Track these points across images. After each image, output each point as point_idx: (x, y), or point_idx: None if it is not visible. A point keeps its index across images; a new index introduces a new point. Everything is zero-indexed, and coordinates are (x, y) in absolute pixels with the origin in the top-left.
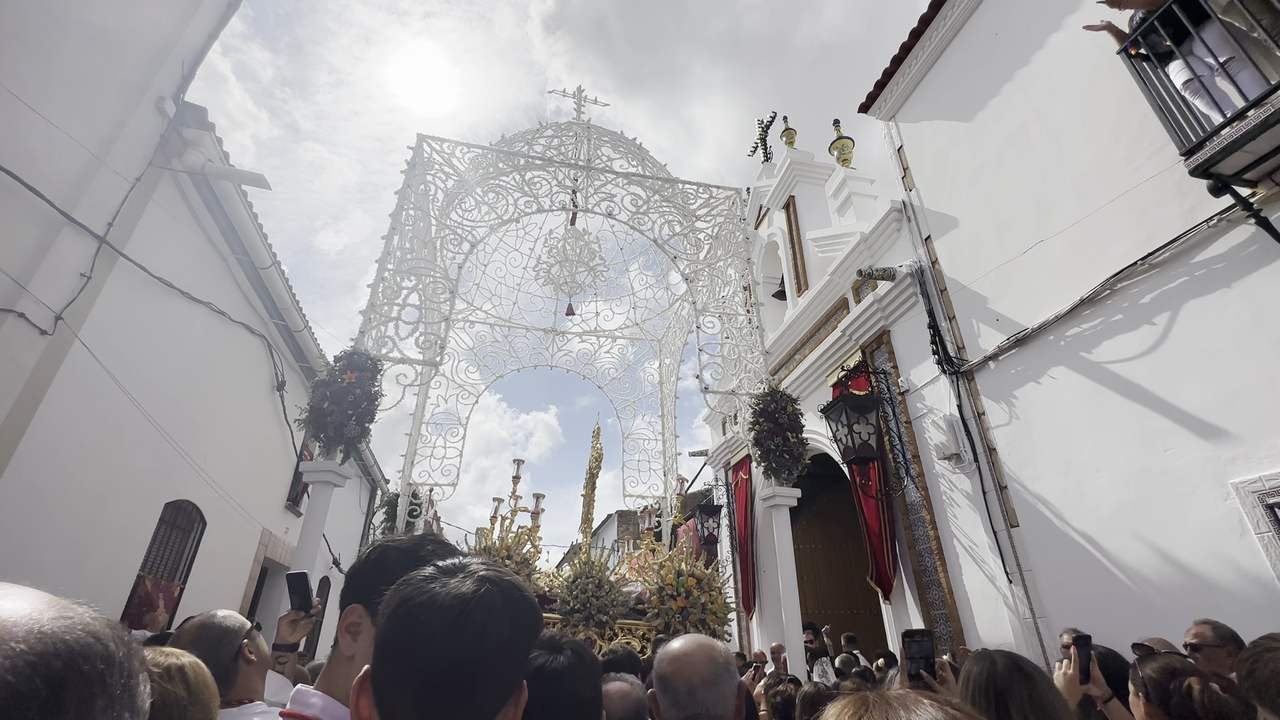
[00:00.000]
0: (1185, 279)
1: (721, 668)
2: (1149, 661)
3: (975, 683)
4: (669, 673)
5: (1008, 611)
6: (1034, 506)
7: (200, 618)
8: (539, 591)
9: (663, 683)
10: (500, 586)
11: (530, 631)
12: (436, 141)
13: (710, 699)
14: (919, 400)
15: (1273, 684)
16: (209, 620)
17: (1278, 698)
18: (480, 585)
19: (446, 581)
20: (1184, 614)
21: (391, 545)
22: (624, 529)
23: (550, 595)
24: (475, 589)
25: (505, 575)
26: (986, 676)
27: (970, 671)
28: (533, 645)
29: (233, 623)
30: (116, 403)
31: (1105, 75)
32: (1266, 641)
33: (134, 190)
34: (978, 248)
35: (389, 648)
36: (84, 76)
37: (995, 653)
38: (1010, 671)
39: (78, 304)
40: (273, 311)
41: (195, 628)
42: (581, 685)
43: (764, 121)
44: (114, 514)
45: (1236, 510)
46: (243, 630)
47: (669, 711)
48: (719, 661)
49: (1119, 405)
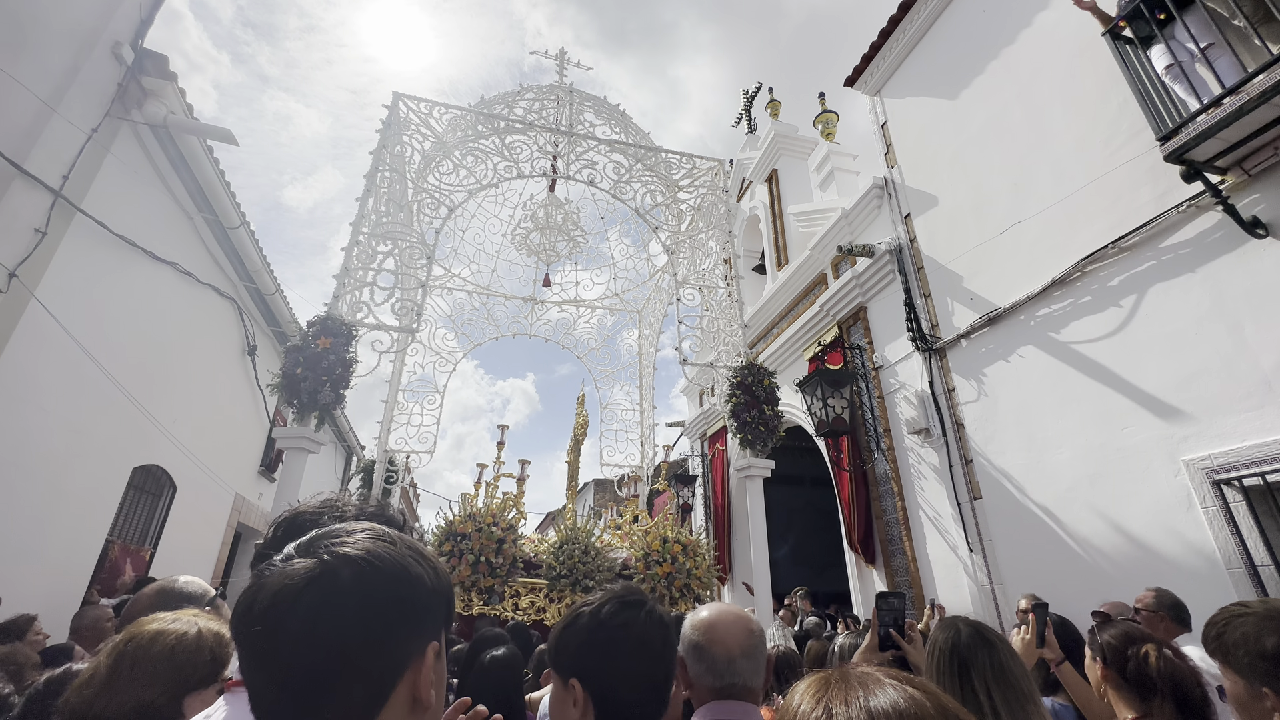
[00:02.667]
0: (1153, 263)
1: (758, 639)
2: (1107, 627)
3: (940, 650)
4: (704, 641)
5: (967, 579)
6: (997, 480)
7: (160, 583)
8: (524, 557)
9: (697, 650)
10: (350, 562)
11: (400, 604)
12: (413, 101)
13: (747, 670)
14: (892, 376)
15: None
16: (168, 586)
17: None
18: (319, 565)
19: (287, 565)
20: (1134, 583)
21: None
22: (600, 496)
23: (536, 560)
24: (310, 570)
25: (368, 545)
26: (951, 644)
27: (936, 639)
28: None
29: (194, 589)
30: (78, 364)
31: (1089, 57)
32: (1236, 607)
33: (90, 142)
34: (956, 227)
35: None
36: (32, 16)
37: (960, 620)
38: (973, 639)
39: (33, 261)
40: (242, 274)
41: (154, 592)
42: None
43: (749, 92)
44: (78, 478)
45: (1185, 486)
46: (205, 597)
47: (704, 679)
48: (755, 633)
49: (1083, 384)
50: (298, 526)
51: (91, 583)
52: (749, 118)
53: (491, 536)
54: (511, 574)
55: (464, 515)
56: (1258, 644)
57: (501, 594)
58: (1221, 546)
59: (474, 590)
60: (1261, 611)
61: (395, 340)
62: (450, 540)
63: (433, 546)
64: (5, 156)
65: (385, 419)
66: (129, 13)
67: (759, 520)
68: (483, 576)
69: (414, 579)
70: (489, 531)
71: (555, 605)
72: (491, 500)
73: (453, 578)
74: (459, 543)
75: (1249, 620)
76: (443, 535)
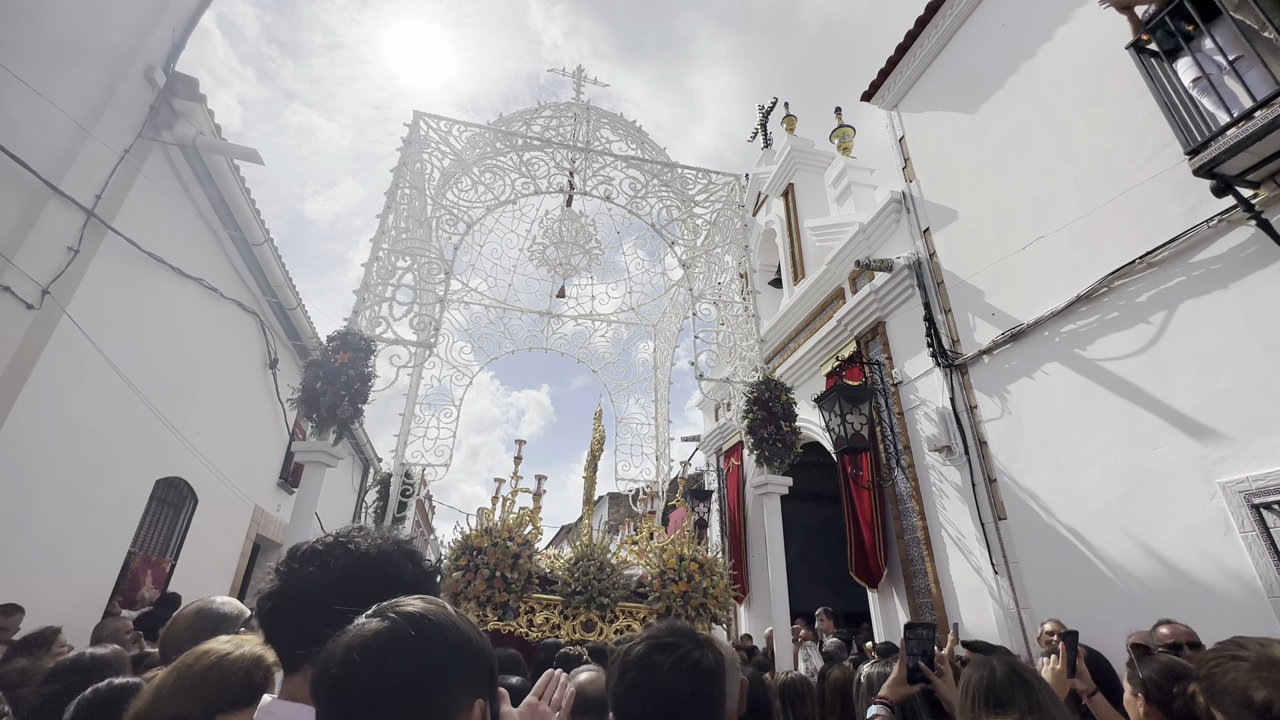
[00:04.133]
0: (1183, 279)
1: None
2: (1149, 662)
3: (974, 690)
4: None
5: (992, 602)
6: (1022, 500)
7: (198, 603)
8: (540, 573)
9: None
10: (411, 620)
11: (453, 655)
12: (433, 119)
13: None
14: (912, 392)
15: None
16: (206, 606)
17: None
18: (386, 622)
19: (361, 624)
20: (1167, 610)
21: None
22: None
23: (552, 576)
24: (379, 626)
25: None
26: (986, 684)
27: (970, 679)
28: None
29: (230, 609)
30: (106, 379)
31: (1111, 70)
32: (1232, 647)
33: (123, 162)
34: (976, 241)
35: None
36: (71, 43)
37: (994, 658)
38: (1010, 678)
39: (65, 278)
40: (265, 288)
41: (193, 613)
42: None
43: (765, 107)
44: (104, 491)
45: (1222, 509)
46: (240, 618)
47: None
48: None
49: (1111, 402)
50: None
51: (113, 594)
52: (764, 133)
53: (507, 552)
54: (526, 590)
55: (480, 530)
56: (1246, 695)
57: (516, 610)
58: (1262, 573)
59: (489, 606)
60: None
61: (413, 355)
62: (466, 554)
63: (449, 560)
64: (41, 178)
65: (402, 432)
66: (162, 37)
67: (776, 539)
68: (498, 592)
69: (464, 637)
70: (505, 547)
71: (570, 622)
72: (508, 515)
73: (467, 592)
74: (475, 557)
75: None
76: (459, 549)
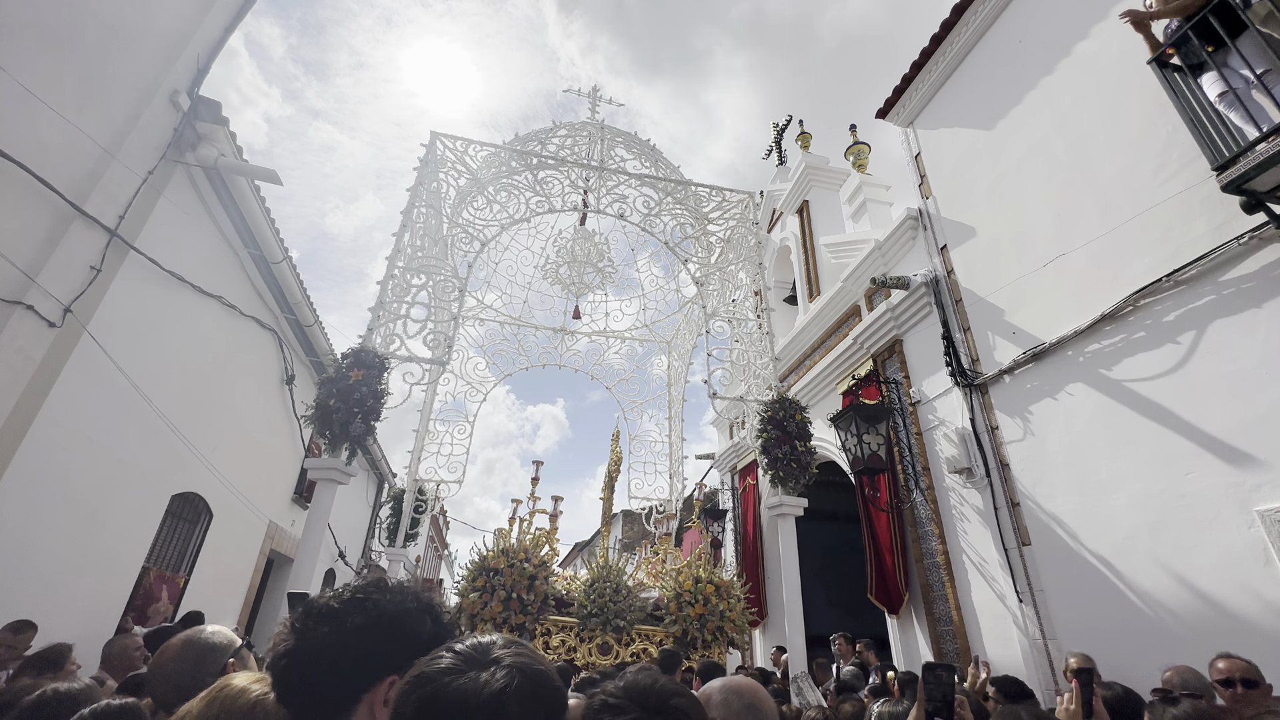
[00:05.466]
0: (1212, 297)
1: None
2: (1172, 708)
3: None
4: None
5: (1017, 631)
6: (1047, 525)
7: (187, 633)
8: (556, 594)
9: None
10: (529, 676)
11: (553, 695)
12: (450, 139)
13: None
14: (930, 412)
15: None
16: (194, 636)
17: None
18: (511, 678)
19: (477, 676)
20: (1202, 643)
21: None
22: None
23: (568, 599)
24: (506, 683)
25: (530, 659)
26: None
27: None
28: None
29: (219, 639)
30: (124, 396)
31: (1132, 86)
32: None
33: (146, 184)
34: (995, 259)
35: None
36: (98, 69)
37: (1022, 709)
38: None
39: (87, 297)
40: (284, 306)
41: (180, 643)
42: None
43: (779, 125)
44: (120, 506)
45: (1261, 539)
46: (230, 648)
47: None
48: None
49: (1139, 425)
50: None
51: (127, 609)
52: (779, 150)
53: (524, 573)
54: (543, 612)
55: (497, 551)
56: None
57: (532, 632)
58: None
59: (505, 627)
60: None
61: (426, 371)
62: (483, 575)
63: (465, 582)
64: (67, 199)
65: (416, 448)
66: (187, 63)
67: (791, 561)
68: (514, 614)
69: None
70: (521, 568)
71: (586, 645)
72: (525, 536)
73: (484, 614)
74: (491, 578)
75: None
76: (476, 570)
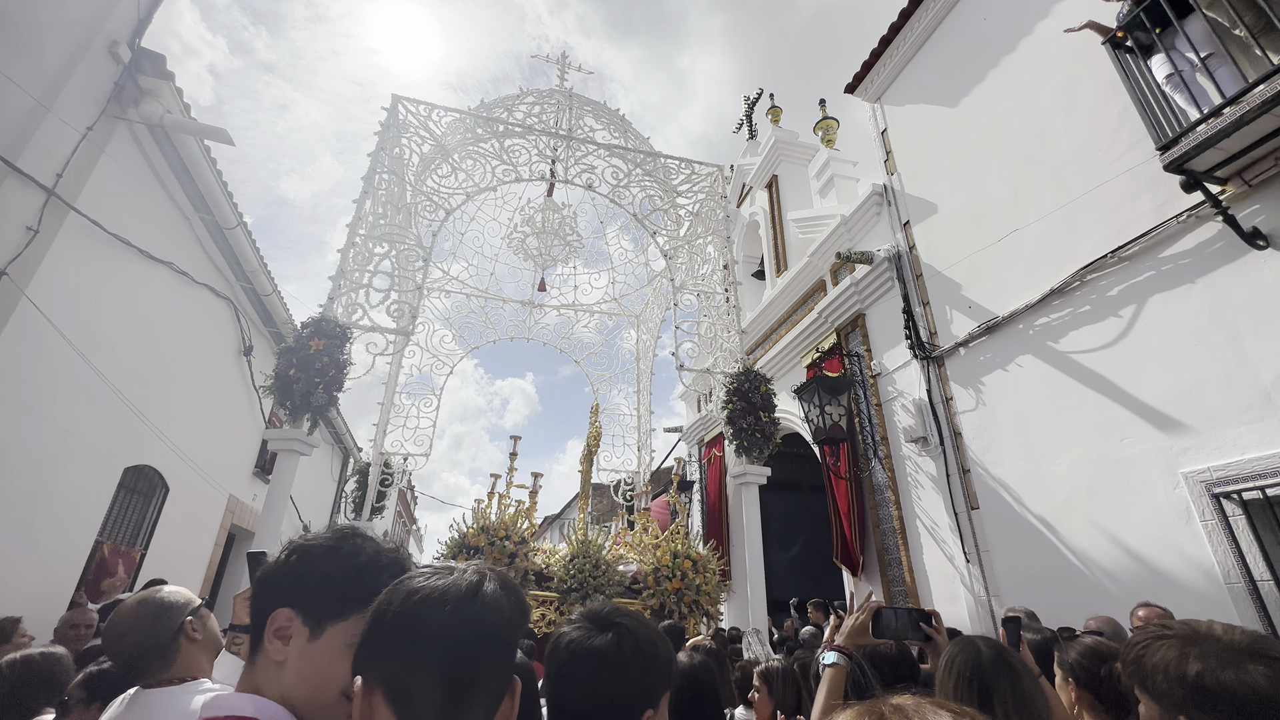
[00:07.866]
0: (1152, 273)
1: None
2: (1074, 645)
3: (959, 671)
4: None
5: (964, 590)
6: (994, 490)
7: (142, 593)
8: (535, 569)
9: None
10: (498, 576)
11: (524, 621)
12: (413, 103)
13: None
14: (890, 384)
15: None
16: (149, 595)
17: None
18: (481, 576)
19: (447, 575)
20: (1129, 596)
21: (310, 544)
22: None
23: (547, 573)
24: (478, 579)
25: (496, 570)
26: (972, 666)
27: (954, 658)
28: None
29: (176, 598)
30: (69, 364)
31: (1088, 66)
32: (1158, 628)
33: (85, 141)
34: (955, 234)
35: (395, 645)
36: (28, 14)
37: (979, 641)
38: (996, 663)
39: (24, 259)
40: (239, 274)
41: (135, 602)
42: None
43: (750, 99)
44: (68, 478)
45: (1184, 499)
46: (187, 606)
47: None
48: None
49: (1081, 394)
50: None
51: (80, 584)
52: (750, 123)
53: (504, 550)
54: (523, 586)
55: (477, 528)
56: (1178, 669)
57: None
58: (1220, 561)
59: None
60: (1182, 635)
61: (391, 342)
62: (463, 553)
63: (445, 558)
64: None
65: (381, 421)
66: (126, 12)
67: (754, 527)
68: None
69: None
70: (501, 545)
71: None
72: (504, 512)
73: None
74: (471, 556)
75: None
76: (455, 547)
